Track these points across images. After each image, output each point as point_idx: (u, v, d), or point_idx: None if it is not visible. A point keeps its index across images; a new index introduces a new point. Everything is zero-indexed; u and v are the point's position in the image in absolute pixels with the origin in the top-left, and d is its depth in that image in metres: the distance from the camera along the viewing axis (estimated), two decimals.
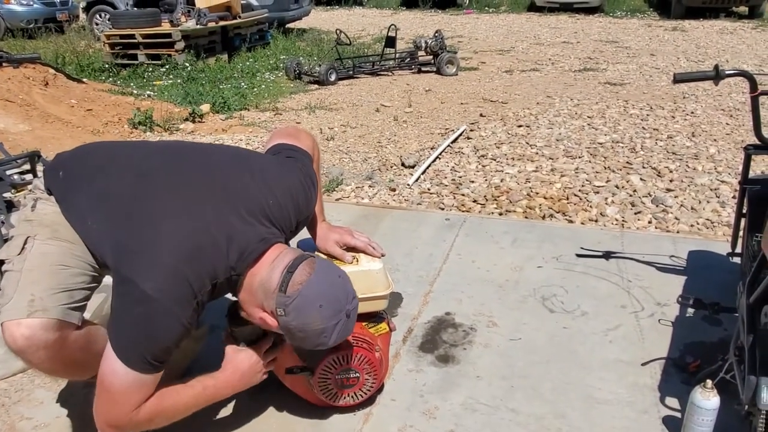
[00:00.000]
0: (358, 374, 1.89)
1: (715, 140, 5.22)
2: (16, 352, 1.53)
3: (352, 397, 1.93)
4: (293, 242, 2.02)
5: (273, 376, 1.91)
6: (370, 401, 2.00)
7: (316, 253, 1.96)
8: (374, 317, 1.97)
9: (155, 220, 1.55)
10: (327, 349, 1.83)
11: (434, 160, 4.88)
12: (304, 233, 1.96)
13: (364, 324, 1.93)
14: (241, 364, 1.74)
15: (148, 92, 7.35)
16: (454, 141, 5.40)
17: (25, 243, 1.62)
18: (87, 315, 1.91)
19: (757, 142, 2.34)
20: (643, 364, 2.20)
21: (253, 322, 1.69)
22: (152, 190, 1.61)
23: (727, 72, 2.17)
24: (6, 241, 2.81)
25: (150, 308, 1.46)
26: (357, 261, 1.93)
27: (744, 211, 2.46)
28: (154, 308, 1.46)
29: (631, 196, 4.07)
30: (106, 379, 1.50)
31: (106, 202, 1.62)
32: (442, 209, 3.90)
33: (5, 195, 2.83)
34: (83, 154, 1.80)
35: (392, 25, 8.68)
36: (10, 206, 2.86)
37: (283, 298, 1.53)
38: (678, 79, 2.23)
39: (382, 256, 1.97)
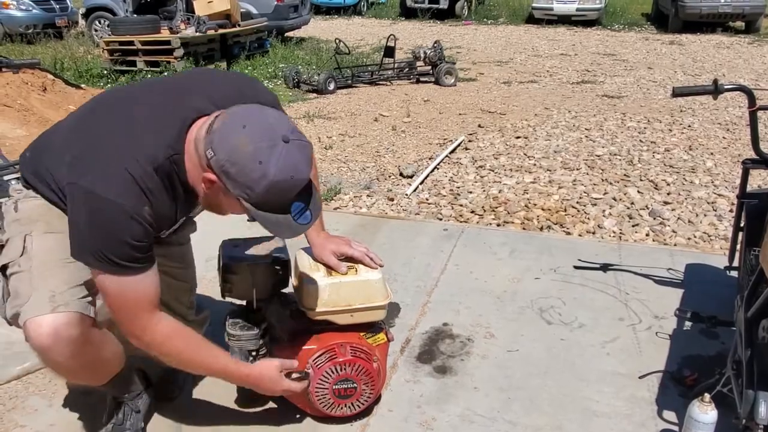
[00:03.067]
0: (355, 384, 1.88)
1: (711, 154, 5.24)
2: (40, 349, 1.53)
3: (349, 407, 1.92)
4: (291, 252, 2.02)
5: None
6: (367, 412, 1.99)
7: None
8: (372, 327, 1.96)
9: (100, 129, 1.55)
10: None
11: (432, 171, 4.88)
12: (303, 242, 1.95)
13: (362, 334, 1.92)
14: (266, 380, 1.76)
15: None
16: (453, 151, 5.41)
17: (24, 242, 1.62)
18: None
19: (755, 157, 2.34)
20: (640, 377, 2.20)
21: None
22: (107, 110, 1.61)
23: (725, 86, 2.18)
24: (1, 247, 2.81)
25: (94, 203, 1.43)
26: (356, 271, 1.91)
27: (741, 225, 2.46)
28: (97, 203, 1.43)
29: (628, 208, 4.08)
30: (102, 291, 1.53)
31: (70, 136, 1.60)
32: (440, 219, 3.90)
33: (1, 201, 2.82)
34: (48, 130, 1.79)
35: (391, 35, 8.70)
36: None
37: (210, 136, 1.43)
38: (677, 93, 2.24)
39: (381, 266, 1.96)
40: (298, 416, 1.97)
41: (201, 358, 1.67)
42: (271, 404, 2.01)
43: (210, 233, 2.28)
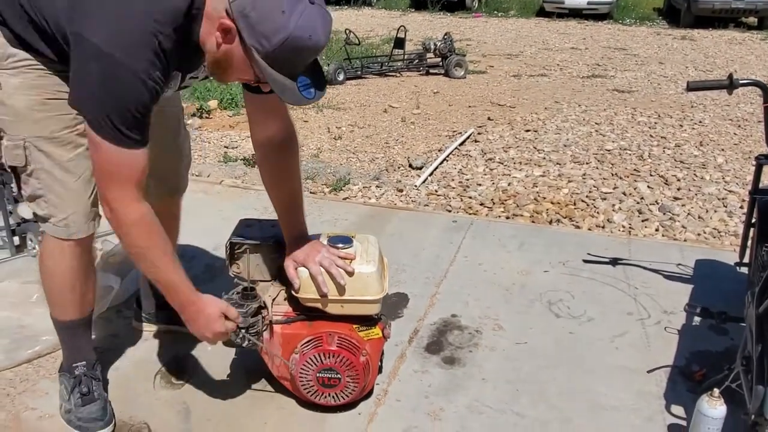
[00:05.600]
0: (339, 375, 1.87)
1: (722, 150, 5.22)
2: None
3: (333, 397, 1.91)
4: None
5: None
6: (376, 401, 2.01)
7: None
8: (367, 321, 1.93)
9: None
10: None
11: (442, 162, 4.88)
12: (317, 230, 1.96)
13: (354, 327, 1.90)
14: (200, 317, 1.68)
15: None
16: (462, 144, 5.40)
17: (24, 151, 1.65)
18: None
19: None
20: (648, 372, 2.19)
21: None
22: None
23: (740, 81, 2.16)
24: (13, 231, 2.83)
25: (104, 64, 1.38)
26: (350, 261, 1.87)
27: (753, 221, 2.45)
28: (108, 64, 1.37)
29: (638, 203, 4.06)
30: (92, 148, 1.50)
31: None
32: (449, 211, 3.89)
33: (13, 185, 2.84)
34: None
35: (401, 26, 8.68)
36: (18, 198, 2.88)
37: None
38: (691, 87, 2.22)
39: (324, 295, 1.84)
40: (306, 404, 1.97)
41: (161, 261, 1.60)
42: (279, 392, 2.02)
43: (220, 225, 2.29)
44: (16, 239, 2.81)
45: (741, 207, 3.93)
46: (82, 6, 1.42)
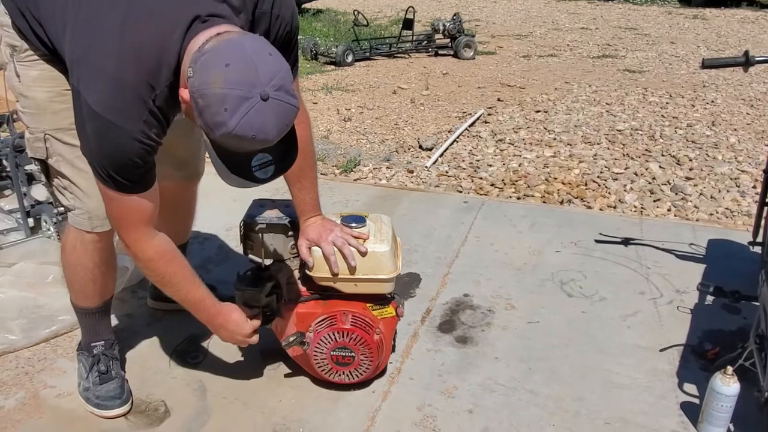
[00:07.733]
0: (353, 354, 1.88)
1: (735, 130, 5.17)
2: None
3: (348, 375, 1.92)
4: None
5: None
6: (390, 380, 2.02)
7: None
8: (381, 300, 1.93)
9: (95, 18, 1.42)
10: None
11: (452, 144, 4.86)
12: (332, 210, 1.96)
13: (369, 305, 1.91)
14: (230, 323, 1.77)
15: None
16: (472, 125, 5.38)
17: (45, 143, 1.66)
18: None
19: None
20: (661, 350, 2.20)
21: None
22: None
23: (757, 58, 2.14)
24: (28, 213, 2.85)
25: (98, 124, 1.40)
26: (363, 240, 1.87)
27: (767, 200, 2.44)
28: (102, 124, 1.39)
29: (650, 183, 4.05)
30: (102, 195, 1.56)
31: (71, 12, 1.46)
32: (460, 192, 3.89)
33: (27, 167, 2.86)
34: None
35: (410, 7, 8.62)
36: (31, 178, 2.89)
37: (196, 55, 1.32)
38: (707, 64, 2.20)
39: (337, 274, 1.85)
40: (321, 382, 1.99)
41: (181, 284, 1.68)
42: (295, 369, 2.04)
43: (232, 206, 2.29)
44: (31, 221, 2.83)
45: (754, 187, 3.90)
46: (80, 57, 1.41)
